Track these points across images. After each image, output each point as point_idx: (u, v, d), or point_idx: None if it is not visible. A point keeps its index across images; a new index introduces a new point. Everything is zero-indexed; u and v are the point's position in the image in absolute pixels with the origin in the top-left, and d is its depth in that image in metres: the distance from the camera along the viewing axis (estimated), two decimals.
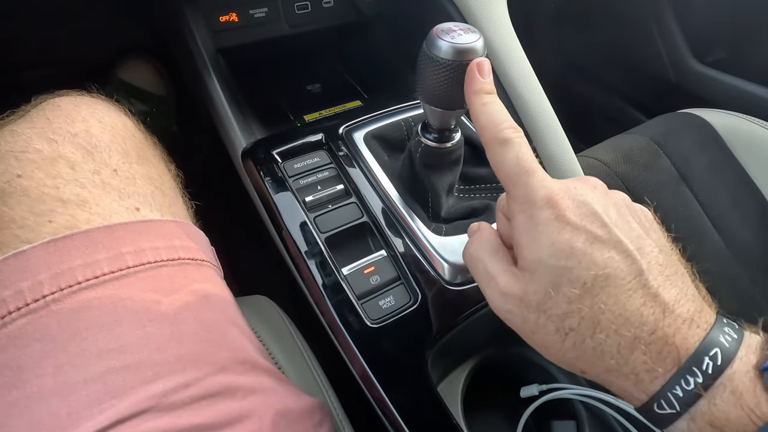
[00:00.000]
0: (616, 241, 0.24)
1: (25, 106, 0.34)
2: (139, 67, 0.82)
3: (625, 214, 0.26)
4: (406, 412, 0.35)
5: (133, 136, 0.35)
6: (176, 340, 0.27)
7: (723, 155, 0.66)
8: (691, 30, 0.95)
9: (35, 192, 0.28)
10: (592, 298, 0.23)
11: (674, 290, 0.24)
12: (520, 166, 0.26)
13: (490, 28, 0.50)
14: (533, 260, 0.25)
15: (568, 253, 0.24)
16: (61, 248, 0.26)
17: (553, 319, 0.24)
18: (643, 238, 0.25)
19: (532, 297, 0.25)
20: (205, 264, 0.33)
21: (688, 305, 0.24)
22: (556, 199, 0.25)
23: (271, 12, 0.57)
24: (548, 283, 0.24)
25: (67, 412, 0.23)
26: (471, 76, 0.30)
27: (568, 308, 0.24)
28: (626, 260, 0.24)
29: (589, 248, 0.24)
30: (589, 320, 0.24)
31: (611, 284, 0.23)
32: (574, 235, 0.24)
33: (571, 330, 0.24)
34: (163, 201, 0.33)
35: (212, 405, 0.26)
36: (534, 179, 0.26)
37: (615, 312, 0.23)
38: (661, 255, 0.25)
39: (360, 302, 0.38)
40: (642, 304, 0.23)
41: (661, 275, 0.24)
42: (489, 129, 0.28)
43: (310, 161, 0.45)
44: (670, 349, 0.23)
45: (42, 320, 0.25)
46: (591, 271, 0.24)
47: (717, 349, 0.22)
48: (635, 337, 0.23)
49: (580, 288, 0.24)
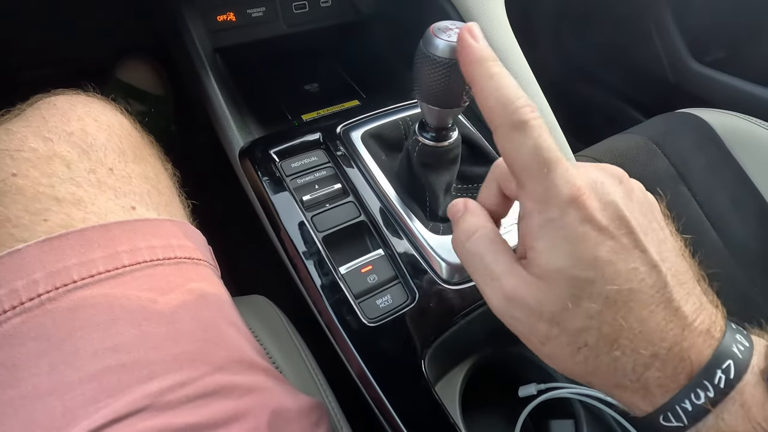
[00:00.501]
0: (642, 250, 0.22)
1: (21, 105, 0.34)
2: (138, 67, 0.82)
3: (647, 214, 0.24)
4: (403, 411, 0.35)
5: (130, 135, 0.35)
6: (172, 339, 0.27)
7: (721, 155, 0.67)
8: (689, 30, 0.95)
9: (30, 191, 0.28)
10: (613, 313, 0.22)
11: (693, 300, 0.22)
12: (540, 156, 0.22)
13: (487, 26, 0.50)
14: (552, 269, 0.22)
15: (591, 263, 0.22)
16: (56, 247, 0.26)
17: (568, 333, 0.22)
18: (664, 243, 0.23)
19: (546, 308, 0.22)
20: (202, 263, 0.33)
21: (704, 316, 0.22)
22: (582, 199, 0.22)
23: (269, 11, 0.57)
24: (567, 296, 0.22)
25: (62, 411, 0.23)
26: (464, 42, 0.24)
27: (586, 323, 0.22)
28: (651, 272, 0.22)
29: (613, 257, 0.22)
30: (607, 337, 0.22)
31: (634, 299, 0.22)
32: (598, 243, 0.22)
33: (586, 345, 0.22)
34: (160, 200, 0.33)
35: (208, 404, 0.26)
36: (556, 173, 0.22)
37: (636, 329, 0.22)
38: (677, 260, 0.23)
39: (357, 301, 0.38)
40: (663, 319, 0.22)
41: (681, 286, 0.22)
42: (499, 109, 0.23)
43: (307, 160, 0.45)
44: (684, 364, 0.21)
45: (37, 319, 0.25)
46: (614, 285, 0.21)
47: (730, 361, 0.21)
48: (653, 354, 0.22)
49: (602, 303, 0.22)
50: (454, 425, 0.35)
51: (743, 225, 0.63)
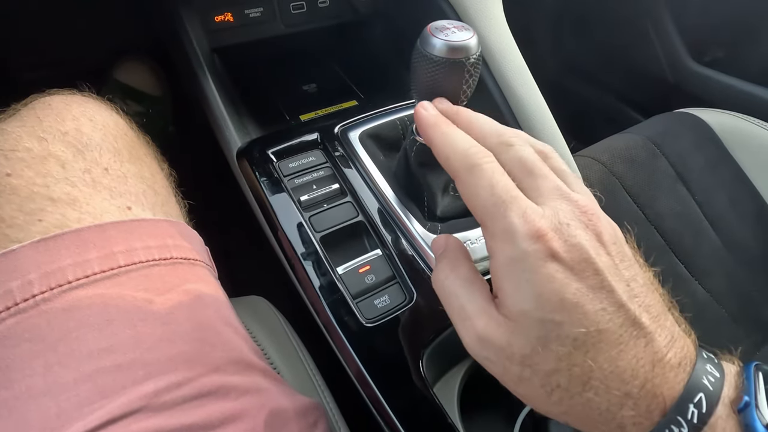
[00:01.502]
0: (609, 291, 0.22)
1: (16, 105, 0.34)
2: (136, 68, 0.82)
3: (615, 253, 0.24)
4: (401, 412, 0.35)
5: (125, 135, 0.35)
6: (168, 339, 0.27)
7: (720, 154, 0.67)
8: (687, 30, 0.95)
9: (25, 191, 0.27)
10: (582, 355, 0.22)
11: (664, 333, 0.22)
12: (495, 196, 0.23)
13: (485, 26, 0.50)
14: (519, 311, 0.22)
15: (557, 305, 0.22)
16: (51, 247, 0.26)
17: (539, 375, 0.22)
18: (633, 280, 0.23)
19: (516, 350, 0.23)
20: (199, 263, 0.33)
21: (676, 349, 0.22)
22: (545, 239, 0.22)
23: (267, 12, 0.57)
24: (535, 339, 0.22)
25: (57, 412, 0.23)
26: (419, 114, 0.28)
27: (557, 365, 0.22)
28: (619, 312, 0.22)
29: (580, 299, 0.22)
30: (579, 378, 0.22)
31: (603, 339, 0.22)
32: (564, 285, 0.22)
33: (558, 386, 0.22)
34: (156, 200, 0.33)
35: (205, 405, 0.26)
36: (512, 212, 0.22)
37: (606, 370, 0.21)
38: (648, 295, 0.23)
39: (355, 301, 0.38)
40: (633, 357, 0.22)
41: (651, 320, 0.22)
42: (455, 157, 0.25)
43: (305, 161, 0.45)
44: (658, 401, 0.21)
45: (32, 320, 0.24)
46: (582, 327, 0.21)
47: (701, 395, 0.21)
48: (626, 394, 0.21)
49: (570, 345, 0.22)
50: (453, 426, 0.35)
51: (742, 224, 0.63)
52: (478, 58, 0.31)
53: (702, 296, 0.59)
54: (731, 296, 0.60)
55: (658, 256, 0.60)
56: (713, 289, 0.60)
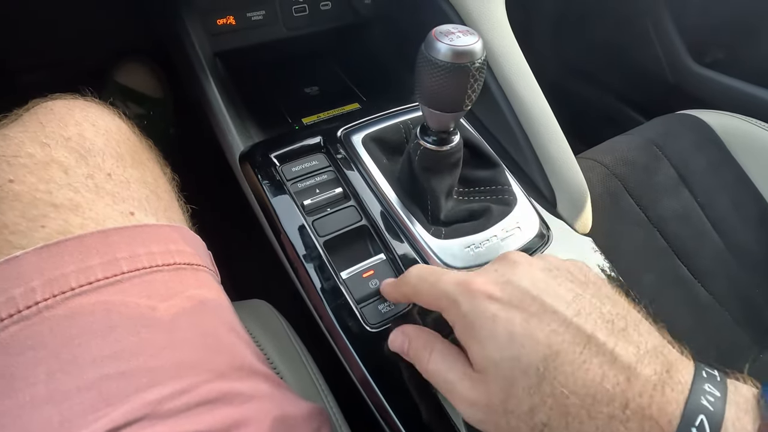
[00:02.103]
0: (552, 312, 0.23)
1: (18, 110, 0.33)
2: (136, 70, 0.82)
3: (555, 277, 0.24)
4: (406, 417, 0.35)
5: (128, 140, 0.35)
6: (172, 346, 0.27)
7: (722, 156, 0.66)
8: (688, 31, 0.95)
9: (27, 197, 0.27)
10: (550, 383, 0.21)
11: (631, 348, 0.22)
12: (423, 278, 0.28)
13: (488, 30, 0.50)
14: (482, 360, 0.23)
15: (508, 340, 0.22)
16: (54, 254, 0.26)
17: (523, 419, 0.22)
18: (580, 298, 0.23)
19: (494, 399, 0.23)
20: (202, 269, 0.33)
21: (653, 364, 0.21)
22: (475, 287, 0.25)
23: (269, 15, 0.57)
24: (502, 380, 0.22)
25: (60, 420, 0.23)
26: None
27: (531, 402, 0.22)
28: (568, 329, 0.22)
29: (527, 329, 0.22)
30: (558, 410, 0.21)
31: (564, 362, 0.21)
32: (508, 320, 0.23)
33: (545, 426, 0.22)
34: (159, 205, 0.33)
35: (209, 412, 0.26)
36: (441, 280, 0.26)
37: (579, 392, 0.21)
38: (605, 308, 0.23)
39: (359, 306, 0.38)
40: (603, 374, 0.21)
41: (611, 334, 0.22)
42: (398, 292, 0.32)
43: (308, 164, 0.45)
44: (651, 423, 0.20)
45: (34, 327, 0.24)
46: (538, 353, 0.22)
47: (702, 417, 0.20)
48: (610, 416, 0.20)
49: (534, 375, 0.22)
50: (457, 430, 0.35)
51: (745, 227, 0.63)
52: (483, 63, 0.31)
53: (705, 299, 0.59)
54: (734, 299, 0.60)
55: (660, 258, 0.59)
56: (716, 291, 0.60)
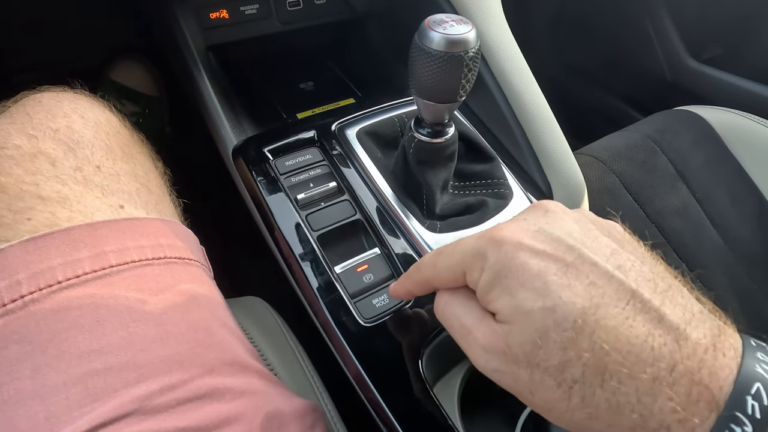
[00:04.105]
0: (591, 264, 0.21)
1: (5, 102, 0.33)
2: (131, 67, 0.81)
3: (590, 230, 0.23)
4: (401, 413, 0.34)
5: (118, 133, 0.34)
6: (161, 340, 0.26)
7: (720, 152, 0.66)
8: (686, 28, 0.95)
9: (14, 189, 0.27)
10: (589, 338, 0.20)
11: (678, 309, 0.20)
12: (450, 247, 0.25)
13: (483, 21, 0.49)
14: (510, 310, 0.21)
15: (542, 290, 0.21)
16: (40, 247, 0.25)
17: (551, 373, 0.20)
18: (618, 253, 0.22)
19: (517, 350, 0.21)
20: (193, 263, 0.32)
21: (702, 327, 0.20)
22: (504, 236, 0.22)
23: (263, 9, 0.57)
24: (533, 332, 0.20)
25: (46, 416, 0.22)
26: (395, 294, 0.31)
27: (565, 356, 0.20)
28: (610, 283, 0.20)
29: (564, 279, 0.21)
30: (594, 366, 0.19)
31: (605, 316, 0.20)
32: (542, 269, 0.21)
33: (575, 382, 0.20)
34: (149, 198, 0.33)
35: (199, 408, 0.25)
36: (464, 242, 0.24)
37: (621, 350, 0.19)
38: (645, 267, 0.22)
39: (353, 301, 0.38)
40: (648, 333, 0.19)
41: (655, 292, 0.20)
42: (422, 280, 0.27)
43: (302, 158, 0.45)
44: (700, 389, 0.18)
45: (20, 321, 0.24)
46: (576, 305, 0.20)
47: (758, 384, 0.18)
48: (654, 377, 0.19)
49: (571, 329, 0.20)
50: (453, 427, 0.35)
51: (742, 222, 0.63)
52: (477, 52, 0.31)
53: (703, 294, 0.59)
54: (732, 293, 0.60)
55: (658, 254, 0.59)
56: (714, 286, 0.59)
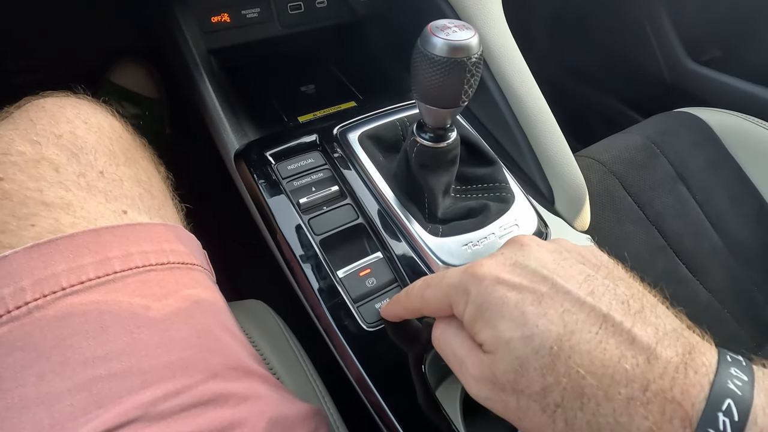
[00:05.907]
0: (564, 293, 0.22)
1: (8, 108, 0.33)
2: (132, 70, 0.81)
3: (565, 258, 0.24)
4: (404, 417, 0.35)
5: (120, 138, 0.34)
6: (165, 346, 0.26)
7: (719, 154, 0.66)
8: (685, 29, 0.95)
9: (17, 195, 0.27)
10: (565, 363, 0.21)
11: (649, 329, 0.21)
12: (434, 278, 0.27)
13: (484, 25, 0.50)
14: (493, 341, 0.23)
15: (521, 320, 0.22)
16: (44, 253, 0.25)
17: (534, 398, 0.22)
18: (592, 278, 0.23)
19: (502, 378, 0.22)
20: (196, 268, 0.32)
21: (674, 346, 0.21)
22: (485, 271, 0.24)
23: (264, 12, 0.57)
24: (513, 360, 0.22)
25: (51, 423, 0.22)
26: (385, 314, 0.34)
27: (544, 382, 0.21)
28: (582, 309, 0.22)
29: (540, 308, 0.22)
30: (572, 390, 0.21)
31: (580, 341, 0.21)
32: (519, 300, 0.23)
33: (558, 406, 0.21)
34: (152, 203, 0.33)
35: (203, 413, 0.25)
36: (449, 272, 0.26)
37: (596, 373, 0.20)
38: (619, 290, 0.23)
39: (356, 305, 0.38)
40: (620, 354, 0.20)
41: (627, 314, 0.21)
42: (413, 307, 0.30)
43: (304, 162, 0.45)
44: (673, 407, 0.19)
45: (24, 328, 0.24)
46: (551, 333, 0.21)
47: (729, 401, 0.19)
48: (629, 398, 0.20)
49: (548, 355, 0.21)
50: (456, 430, 0.35)
51: (742, 224, 0.63)
52: (480, 58, 0.31)
53: (703, 296, 0.59)
54: (732, 296, 0.60)
55: (658, 256, 0.59)
56: (714, 288, 0.60)
